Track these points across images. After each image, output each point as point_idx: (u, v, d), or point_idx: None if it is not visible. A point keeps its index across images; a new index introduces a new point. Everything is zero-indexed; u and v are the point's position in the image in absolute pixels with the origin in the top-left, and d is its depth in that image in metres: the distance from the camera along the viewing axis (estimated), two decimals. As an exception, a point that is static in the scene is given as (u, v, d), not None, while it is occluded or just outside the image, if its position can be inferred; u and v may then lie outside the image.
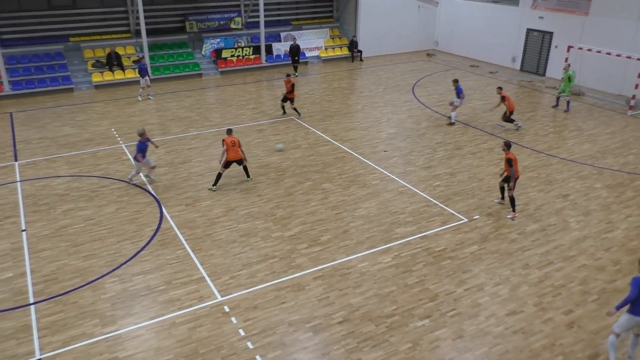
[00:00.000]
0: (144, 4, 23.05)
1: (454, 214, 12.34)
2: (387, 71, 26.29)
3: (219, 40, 26.45)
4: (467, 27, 28.96)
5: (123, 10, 24.77)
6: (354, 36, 28.71)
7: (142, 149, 13.40)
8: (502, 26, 26.87)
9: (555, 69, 24.06)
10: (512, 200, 12.18)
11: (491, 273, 10.15)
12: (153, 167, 14.01)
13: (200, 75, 25.00)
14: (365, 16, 28.57)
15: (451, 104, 18.57)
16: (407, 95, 22.20)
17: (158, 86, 23.19)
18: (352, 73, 26.25)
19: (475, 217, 12.20)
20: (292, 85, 18.57)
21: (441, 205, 12.78)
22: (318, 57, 28.20)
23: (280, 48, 27.37)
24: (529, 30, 25.72)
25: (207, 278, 9.98)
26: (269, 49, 26.95)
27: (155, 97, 21.48)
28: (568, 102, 20.01)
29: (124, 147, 16.26)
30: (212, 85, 23.77)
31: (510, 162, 11.89)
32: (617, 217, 12.28)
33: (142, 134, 13.45)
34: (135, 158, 13.51)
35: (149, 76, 21.44)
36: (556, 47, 24.35)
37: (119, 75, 23.33)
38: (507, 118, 17.77)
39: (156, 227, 11.76)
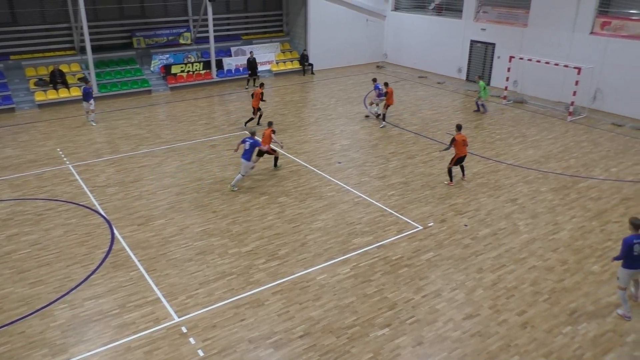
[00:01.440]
0: (88, 20, 22.46)
1: (409, 222, 12.55)
2: (339, 84, 26.62)
3: (167, 55, 26.08)
4: (414, 39, 29.77)
5: (66, 26, 24.06)
6: (305, 50, 28.96)
7: (254, 147, 14.08)
8: (447, 38, 27.79)
9: (499, 79, 25.03)
10: (449, 171, 14.55)
11: (447, 279, 10.37)
12: (252, 168, 14.79)
13: (149, 91, 24.53)
14: (315, 30, 28.90)
15: (371, 103, 20.83)
16: (359, 107, 22.52)
17: (105, 104, 22.58)
18: (304, 86, 26.41)
19: (429, 224, 12.45)
20: (261, 94, 19.29)
21: (396, 214, 12.98)
22: (269, 71, 28.24)
23: (231, 63, 27.25)
24: (472, 42, 26.70)
25: (162, 299, 9.72)
26: (219, 64, 26.78)
27: (101, 117, 20.84)
28: (483, 105, 21.51)
29: (71, 168, 15.70)
30: (162, 102, 23.36)
31: (464, 142, 14.12)
32: (562, 218, 12.82)
33: (254, 133, 14.34)
34: (248, 158, 14.06)
35: (94, 100, 20.05)
36: (499, 57, 25.37)
37: (63, 94, 22.57)
38: (384, 111, 19.71)
39: (107, 249, 11.38)
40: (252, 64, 25.63)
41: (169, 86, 25.10)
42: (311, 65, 28.92)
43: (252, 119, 19.55)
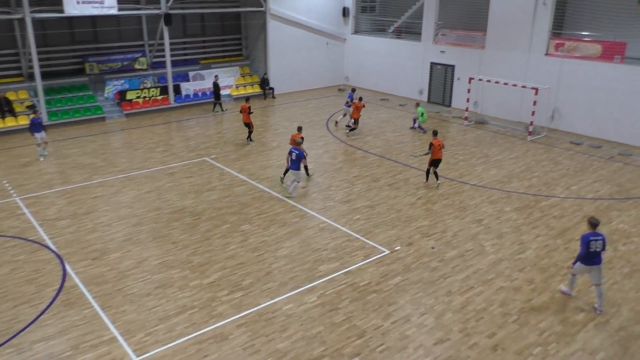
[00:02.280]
0: (37, 46, 22.01)
1: (375, 247, 12.60)
2: (301, 107, 26.82)
3: (122, 81, 25.75)
4: (374, 62, 30.43)
5: (14, 52, 23.49)
6: (265, 74, 29.16)
7: (299, 158, 15.01)
8: (408, 61, 28.53)
9: (460, 100, 25.77)
10: (427, 172, 16.27)
11: (416, 303, 10.41)
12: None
13: (103, 118, 24.09)
14: (275, 53, 29.18)
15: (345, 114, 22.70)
16: (322, 130, 22.71)
17: (56, 132, 22.01)
18: (265, 110, 26.49)
19: (396, 248, 12.53)
20: (248, 108, 20.41)
21: (362, 238, 13.02)
22: (229, 95, 28.23)
23: (190, 88, 27.13)
24: (432, 64, 27.49)
25: (119, 337, 9.36)
26: (177, 89, 26.62)
27: (52, 147, 20.26)
28: (420, 127, 22.37)
29: (19, 201, 15.13)
30: (117, 129, 22.95)
31: (439, 146, 15.76)
32: (527, 237, 13.15)
33: (299, 143, 15.28)
34: (297, 168, 15.04)
35: (45, 131, 18.88)
36: (459, 79, 26.18)
37: (10, 122, 21.89)
38: (353, 123, 21.51)
39: (59, 286, 10.94)
40: (217, 88, 25.62)
41: (124, 113, 24.71)
42: (272, 89, 29.10)
43: (250, 132, 20.83)
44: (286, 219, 14.11)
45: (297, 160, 15.13)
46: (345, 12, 31.39)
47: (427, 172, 16.39)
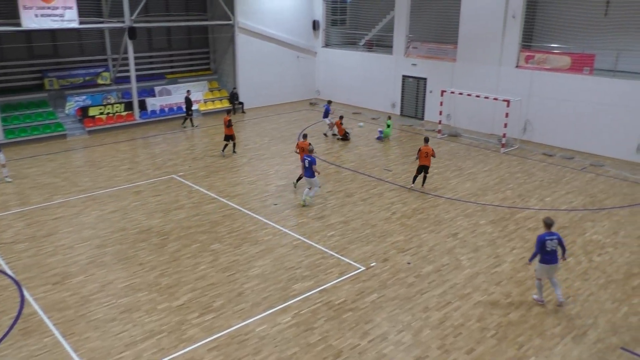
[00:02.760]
0: (-7, 61, 21.57)
1: (351, 264, 12.61)
2: (272, 122, 26.84)
3: (84, 97, 25.39)
4: (346, 75, 30.77)
5: (-33, 67, 22.97)
6: (234, 88, 29.15)
7: (311, 165, 15.73)
8: (380, 74, 28.94)
9: (432, 113, 26.19)
10: (414, 177, 17.51)
11: (393, 320, 10.42)
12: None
13: (64, 136, 23.64)
14: (245, 67, 29.23)
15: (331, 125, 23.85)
16: (294, 145, 22.71)
17: (13, 151, 21.48)
18: (235, 126, 26.29)
19: (372, 264, 12.55)
20: (229, 121, 20.76)
21: (337, 255, 13.01)
22: (197, 110, 28.07)
23: (156, 103, 26.90)
24: (404, 77, 27.93)
25: (82, 366, 9.09)
26: (142, 105, 26.35)
27: (9, 166, 19.74)
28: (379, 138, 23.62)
29: (-27, 223, 14.65)
30: (79, 147, 22.54)
31: (426, 154, 16.80)
32: (503, 250, 13.35)
33: (311, 150, 16.14)
34: (311, 175, 15.81)
35: (2, 153, 18.18)
36: (431, 92, 26.65)
37: (-36, 141, 21.28)
38: (343, 136, 22.81)
39: (16, 314, 10.58)
40: (189, 103, 25.51)
41: (86, 130, 24.31)
42: (242, 103, 29.08)
43: (234, 144, 21.47)
44: (258, 236, 14.02)
45: (309, 167, 15.82)
46: (315, 25, 31.73)
47: (414, 177, 17.52)
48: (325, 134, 24.34)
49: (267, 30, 29.74)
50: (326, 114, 24.30)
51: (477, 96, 22.79)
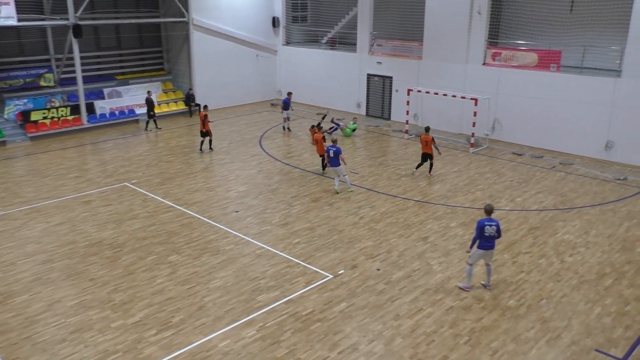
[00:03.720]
0: None
1: (318, 272, 12.62)
2: (231, 124, 26.68)
3: (25, 100, 24.73)
4: (309, 75, 30.86)
5: None
6: (190, 89, 28.85)
7: (337, 155, 17.26)
8: (344, 72, 29.15)
9: (399, 113, 26.52)
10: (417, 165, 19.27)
11: (363, 330, 10.48)
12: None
13: (3, 142, 22.93)
14: (201, 67, 28.97)
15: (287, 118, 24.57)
16: (255, 148, 22.66)
17: (-53, 160, 20.70)
18: (192, 129, 26.13)
19: (340, 272, 12.60)
20: (205, 116, 21.42)
21: (303, 263, 13.01)
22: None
23: (105, 106, 26.39)
24: (369, 76, 28.21)
25: (29, 392, 8.81)
26: (90, 108, 25.81)
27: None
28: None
29: None
30: (20, 154, 21.88)
31: (426, 142, 18.62)
32: (474, 253, 13.60)
33: (335, 141, 17.70)
34: (337, 164, 17.27)
35: None
36: (397, 91, 27.00)
37: None
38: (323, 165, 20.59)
39: (-46, 337, 10.18)
40: (150, 104, 25.22)
41: (28, 136, 23.63)
42: (198, 105, 28.80)
43: (210, 140, 22.08)
44: (219, 246, 13.90)
45: (335, 157, 17.27)
46: (275, 22, 31.74)
47: (418, 165, 19.28)
48: (283, 128, 24.95)
49: (224, 28, 29.58)
50: (286, 107, 24.79)
51: (445, 95, 23.21)
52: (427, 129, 19.20)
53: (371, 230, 14.92)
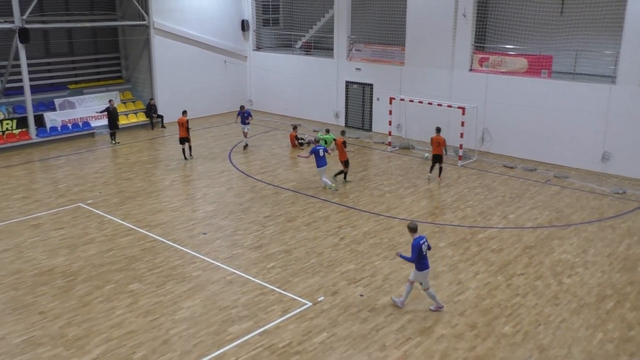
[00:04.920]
0: None
1: (295, 299, 12.54)
2: (197, 137, 26.50)
3: (-34, 112, 24.23)
4: (282, 82, 30.96)
5: None
6: (152, 99, 28.67)
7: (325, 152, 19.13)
8: (320, 80, 29.31)
9: (381, 123, 26.70)
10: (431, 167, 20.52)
11: (347, 363, 10.41)
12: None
13: (-59, 160, 22.43)
14: (163, 75, 28.85)
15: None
16: (224, 163, 22.55)
17: None
18: (154, 143, 25.91)
19: (319, 299, 12.54)
20: (187, 122, 22.49)
21: (279, 290, 12.91)
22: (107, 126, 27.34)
23: (56, 118, 26.07)
24: (348, 83, 28.40)
25: None
26: (39, 121, 25.45)
27: None
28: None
29: None
30: (-40, 173, 21.43)
31: (438, 143, 19.96)
32: (465, 276, 13.67)
33: (318, 140, 20.10)
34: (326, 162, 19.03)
35: None
36: (378, 99, 27.20)
37: None
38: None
39: None
40: (113, 115, 25.09)
41: (-31, 152, 23.18)
42: (161, 117, 28.62)
43: (190, 147, 22.99)
44: (185, 272, 13.74)
45: (324, 156, 19.03)
46: (244, 25, 31.84)
47: (431, 167, 20.46)
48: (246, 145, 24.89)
49: (189, 32, 29.55)
50: (244, 120, 24.67)
51: (430, 103, 23.46)
52: (439, 130, 20.35)
53: (353, 252, 14.90)
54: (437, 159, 20.20)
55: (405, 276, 13.59)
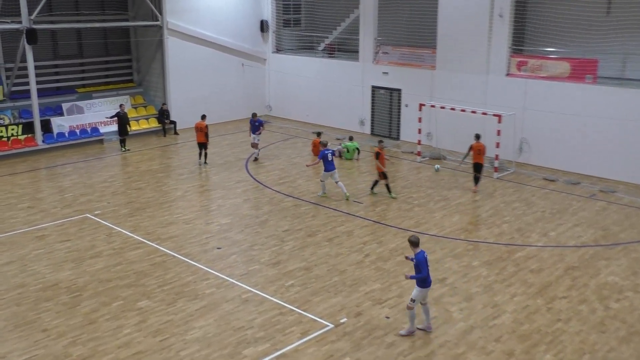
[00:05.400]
0: None
1: (316, 320, 12.49)
2: (212, 145, 26.63)
3: (-31, 117, 24.76)
4: (303, 87, 31.06)
5: None
6: (164, 104, 28.95)
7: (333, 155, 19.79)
8: (344, 84, 29.36)
9: (409, 131, 26.60)
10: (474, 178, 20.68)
11: (371, 391, 10.31)
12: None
13: (-57, 167, 22.89)
14: (177, 79, 29.14)
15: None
16: (241, 173, 22.64)
17: None
18: (166, 150, 26.14)
19: (342, 320, 12.47)
20: (206, 127, 23.16)
21: (298, 310, 12.88)
22: (117, 132, 27.67)
23: (64, 124, 26.47)
24: (374, 88, 28.39)
25: None
26: (46, 126, 25.86)
27: None
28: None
29: None
30: (-37, 180, 21.85)
31: (479, 151, 20.13)
32: (502, 298, 13.49)
33: (326, 143, 20.57)
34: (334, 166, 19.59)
35: None
36: (407, 105, 27.14)
37: None
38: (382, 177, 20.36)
39: None
40: (123, 120, 25.49)
41: (-28, 158, 23.64)
42: (173, 123, 28.88)
43: (206, 154, 23.54)
44: (198, 290, 13.78)
45: (332, 160, 19.71)
46: (263, 26, 32.07)
47: (475, 178, 20.67)
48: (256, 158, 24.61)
49: (204, 33, 29.85)
50: (255, 129, 24.43)
51: (463, 110, 23.33)
52: (478, 137, 20.67)
53: (378, 270, 14.81)
54: (478, 168, 20.37)
55: (435, 298, 13.46)
